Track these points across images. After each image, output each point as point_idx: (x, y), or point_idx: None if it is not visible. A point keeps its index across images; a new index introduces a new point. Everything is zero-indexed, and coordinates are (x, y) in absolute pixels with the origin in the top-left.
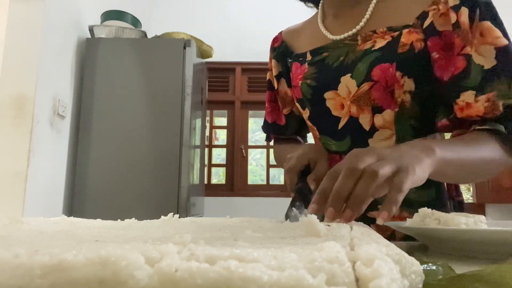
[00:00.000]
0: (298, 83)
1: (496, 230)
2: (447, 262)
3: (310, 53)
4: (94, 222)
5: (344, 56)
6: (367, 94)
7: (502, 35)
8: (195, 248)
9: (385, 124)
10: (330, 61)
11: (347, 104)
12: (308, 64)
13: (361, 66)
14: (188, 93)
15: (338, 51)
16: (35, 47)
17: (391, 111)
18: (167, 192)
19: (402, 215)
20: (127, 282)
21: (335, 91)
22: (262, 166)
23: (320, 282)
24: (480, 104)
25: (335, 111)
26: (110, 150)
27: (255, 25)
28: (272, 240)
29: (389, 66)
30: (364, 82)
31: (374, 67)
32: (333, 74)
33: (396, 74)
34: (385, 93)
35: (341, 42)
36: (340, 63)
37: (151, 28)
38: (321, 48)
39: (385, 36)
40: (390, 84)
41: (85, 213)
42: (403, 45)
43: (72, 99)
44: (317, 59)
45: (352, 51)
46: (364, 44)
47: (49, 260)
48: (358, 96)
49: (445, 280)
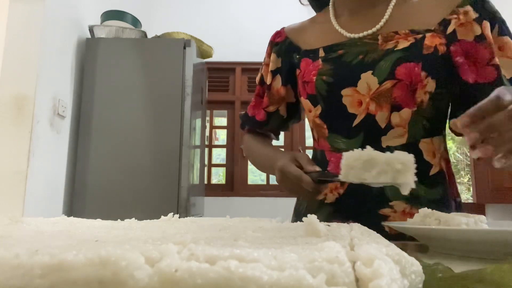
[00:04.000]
0: (312, 79)
1: (496, 230)
2: (447, 262)
3: (324, 49)
4: (94, 222)
5: (364, 54)
6: (389, 92)
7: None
8: (195, 248)
9: (401, 122)
10: (347, 58)
11: (366, 101)
12: (322, 60)
13: (383, 64)
14: (188, 93)
15: (357, 48)
16: (35, 47)
17: (409, 109)
18: (167, 192)
19: (412, 212)
20: (127, 282)
21: (354, 88)
22: None
23: (320, 282)
24: None
25: (352, 108)
26: (110, 150)
27: (255, 25)
28: (272, 240)
29: (414, 66)
30: (386, 80)
31: (399, 65)
32: (352, 71)
33: (421, 74)
34: (407, 92)
35: (359, 40)
36: (359, 60)
37: (151, 28)
38: (336, 45)
39: (408, 38)
40: (414, 83)
41: (85, 213)
42: (428, 47)
43: (72, 99)
44: (333, 56)
45: (372, 50)
46: (385, 44)
47: (49, 260)
48: (378, 93)
49: (445, 280)
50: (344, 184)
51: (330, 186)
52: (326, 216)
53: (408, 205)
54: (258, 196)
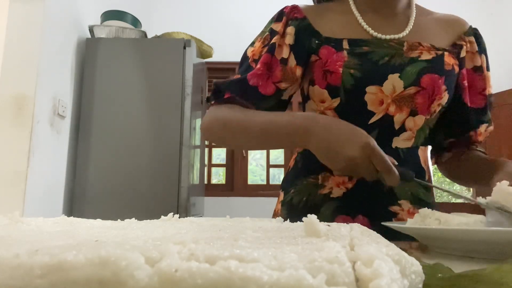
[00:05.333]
0: (338, 69)
1: (496, 230)
2: (447, 262)
3: (348, 42)
4: (94, 222)
5: (390, 56)
6: (411, 97)
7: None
8: (195, 248)
9: (413, 127)
10: (374, 57)
11: (388, 102)
12: (347, 53)
13: (410, 70)
14: (188, 93)
15: (383, 50)
16: (35, 47)
17: (423, 117)
18: (167, 192)
19: (415, 212)
20: (127, 282)
21: (379, 87)
22: (262, 166)
23: (320, 282)
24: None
25: (372, 106)
26: (110, 150)
27: (255, 25)
28: (272, 240)
29: (438, 78)
30: (411, 86)
31: (424, 74)
32: (380, 71)
33: (442, 87)
34: (427, 100)
35: (385, 42)
36: (386, 61)
37: (151, 28)
38: (361, 41)
39: (430, 51)
40: (435, 94)
41: (85, 213)
42: (447, 64)
43: (72, 99)
44: (359, 51)
45: (398, 55)
46: (411, 52)
47: (49, 260)
48: (401, 97)
49: (445, 280)
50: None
51: (337, 181)
52: (332, 210)
53: (412, 205)
54: (258, 196)
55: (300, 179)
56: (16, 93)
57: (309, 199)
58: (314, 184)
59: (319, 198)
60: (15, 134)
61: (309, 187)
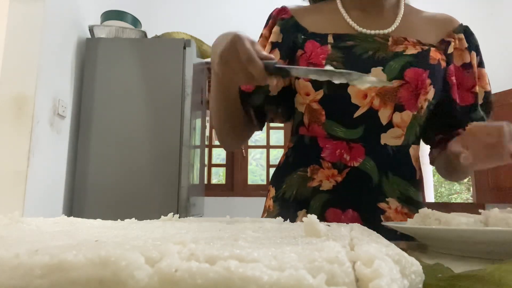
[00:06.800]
0: (321, 62)
1: (496, 230)
2: (447, 262)
3: (333, 36)
4: (94, 222)
5: (374, 51)
6: (395, 91)
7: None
8: (195, 248)
9: (401, 123)
10: (358, 51)
11: (372, 95)
12: (331, 46)
13: (394, 64)
14: (188, 93)
15: (367, 44)
16: (35, 47)
17: (410, 112)
18: (167, 192)
19: (403, 211)
20: (127, 282)
21: None
22: (262, 166)
23: (320, 282)
24: None
25: (356, 99)
26: (110, 150)
27: (255, 25)
28: (272, 240)
29: (422, 72)
30: (395, 79)
31: (408, 68)
32: (363, 64)
33: (427, 81)
34: (411, 94)
35: (370, 37)
36: (370, 55)
37: (151, 28)
38: (346, 36)
39: (416, 46)
40: (419, 88)
41: (85, 213)
42: (433, 58)
43: (72, 99)
44: (343, 45)
45: (382, 49)
46: (395, 46)
47: (49, 260)
48: (384, 90)
49: (445, 280)
50: (343, 172)
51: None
52: (322, 203)
53: (400, 204)
54: (258, 196)
55: (291, 174)
56: (16, 93)
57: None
58: (303, 177)
59: (308, 191)
60: (15, 134)
61: (299, 180)
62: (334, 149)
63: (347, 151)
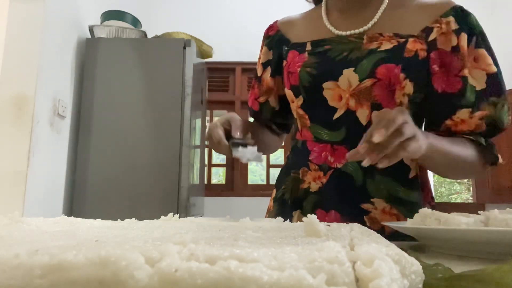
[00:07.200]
0: (296, 70)
1: (496, 230)
2: (447, 262)
3: (311, 43)
4: (94, 222)
5: (349, 51)
6: (369, 90)
7: (492, 63)
8: (195, 248)
9: None
10: (332, 54)
11: (346, 96)
12: (308, 53)
13: (366, 62)
14: (188, 93)
15: (342, 46)
16: (35, 47)
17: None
18: (167, 192)
19: (391, 211)
20: (127, 282)
21: (335, 82)
22: (262, 166)
23: (320, 282)
24: (473, 121)
25: (332, 102)
26: (110, 150)
27: (255, 25)
28: (272, 240)
29: (394, 67)
30: (367, 78)
31: (379, 65)
32: (335, 66)
33: (400, 75)
34: (386, 91)
35: (346, 38)
36: (344, 57)
37: (151, 28)
38: (323, 41)
39: (392, 40)
40: (393, 84)
41: (85, 213)
42: (409, 51)
43: (72, 99)
44: (319, 50)
45: (357, 48)
46: (370, 44)
47: (49, 260)
48: (358, 91)
49: (445, 280)
50: (327, 174)
51: (313, 176)
52: (313, 204)
53: (388, 204)
54: (258, 196)
55: (288, 175)
56: (16, 93)
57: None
58: (296, 179)
59: (301, 193)
60: (15, 134)
61: (293, 182)
62: (320, 151)
63: (331, 153)
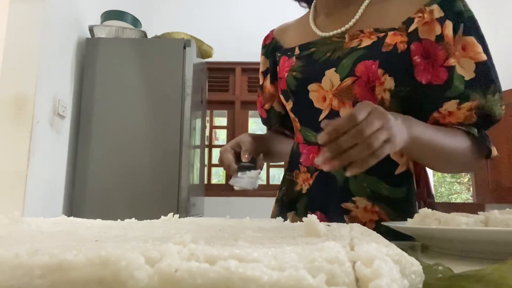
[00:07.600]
0: (284, 75)
1: (496, 230)
2: (447, 262)
3: (299, 48)
4: (94, 222)
5: (331, 52)
6: (350, 89)
7: (482, 51)
8: (195, 248)
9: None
10: (317, 56)
11: (329, 97)
12: (296, 58)
13: (346, 61)
14: (188, 93)
15: (326, 47)
16: (35, 47)
17: None
18: (167, 192)
19: (373, 209)
20: (127, 282)
21: (319, 84)
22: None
23: (320, 282)
24: (462, 112)
25: (317, 103)
26: (110, 150)
27: (255, 26)
28: (272, 240)
29: (372, 63)
30: (347, 77)
31: (358, 63)
32: (319, 68)
33: (378, 71)
34: (366, 88)
35: (329, 39)
36: (326, 58)
37: (151, 28)
38: (309, 44)
39: (372, 36)
40: (372, 80)
41: (85, 213)
42: (387, 45)
43: (72, 99)
44: (305, 53)
45: (339, 48)
46: (351, 42)
47: (49, 260)
48: (340, 90)
49: (445, 280)
50: (313, 175)
51: (303, 177)
52: (304, 205)
53: (370, 202)
54: (258, 196)
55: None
56: (16, 93)
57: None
58: (291, 181)
59: (295, 194)
60: (15, 134)
61: (288, 184)
62: (308, 153)
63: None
